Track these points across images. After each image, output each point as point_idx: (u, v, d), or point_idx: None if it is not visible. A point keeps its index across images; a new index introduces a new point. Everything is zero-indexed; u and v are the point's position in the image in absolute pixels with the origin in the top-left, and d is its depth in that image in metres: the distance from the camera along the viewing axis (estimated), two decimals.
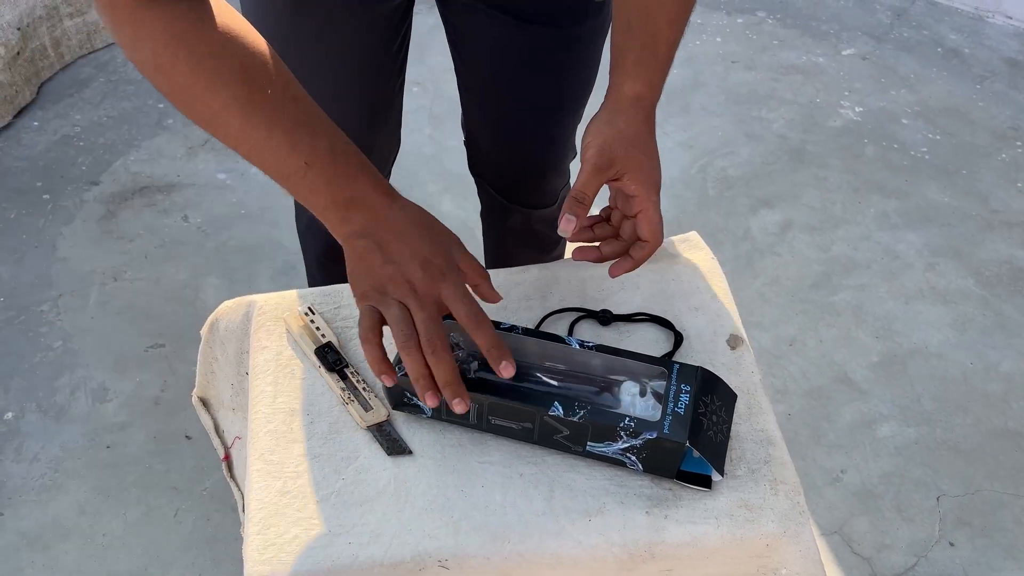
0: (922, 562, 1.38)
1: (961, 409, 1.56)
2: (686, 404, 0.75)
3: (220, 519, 1.39)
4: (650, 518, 0.77)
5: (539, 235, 1.29)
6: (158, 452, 1.46)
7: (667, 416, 0.74)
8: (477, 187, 1.27)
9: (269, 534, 0.76)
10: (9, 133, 1.94)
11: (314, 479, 0.79)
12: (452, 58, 1.11)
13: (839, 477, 1.47)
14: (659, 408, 0.76)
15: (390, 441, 0.82)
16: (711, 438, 0.76)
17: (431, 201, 1.86)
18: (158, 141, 1.95)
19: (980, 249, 1.81)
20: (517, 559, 0.76)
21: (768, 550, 0.78)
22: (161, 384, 1.54)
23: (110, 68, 2.09)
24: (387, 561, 0.75)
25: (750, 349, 0.90)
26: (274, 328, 0.90)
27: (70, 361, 1.57)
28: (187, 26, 0.64)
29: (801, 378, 1.59)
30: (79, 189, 1.85)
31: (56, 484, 1.42)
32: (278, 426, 0.83)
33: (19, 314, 1.64)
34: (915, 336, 1.66)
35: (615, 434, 0.75)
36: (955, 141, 2.03)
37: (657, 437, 0.73)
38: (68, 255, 1.73)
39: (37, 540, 1.36)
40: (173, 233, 1.78)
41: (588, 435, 0.76)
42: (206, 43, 0.65)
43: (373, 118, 1.08)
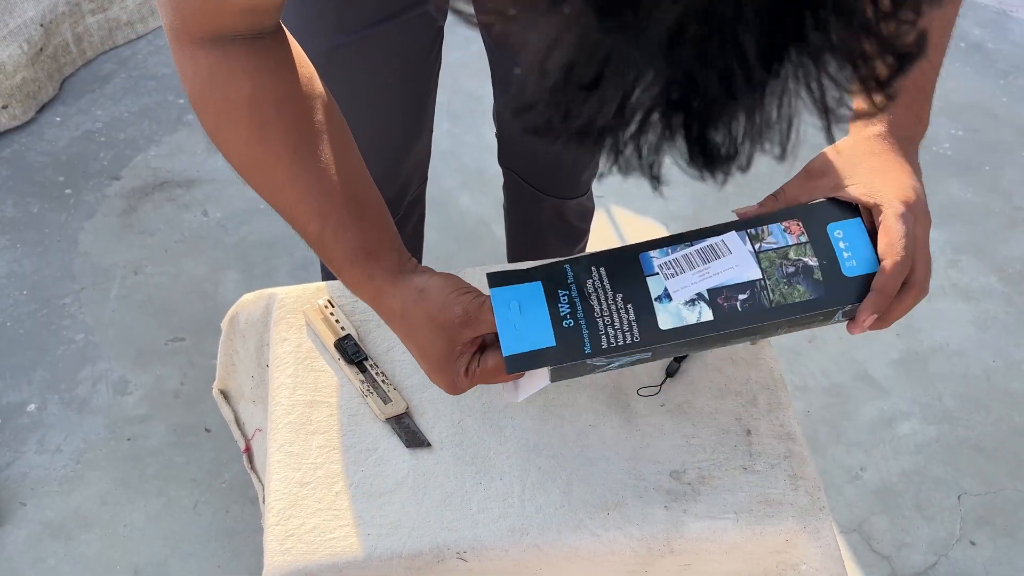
0: (942, 561, 1.37)
1: (983, 407, 1.54)
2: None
3: (239, 511, 1.39)
4: (669, 512, 0.77)
5: (570, 226, 1.29)
6: (178, 444, 1.47)
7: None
8: (505, 180, 1.27)
9: (289, 525, 0.77)
10: (32, 128, 1.96)
11: (333, 471, 0.80)
12: (485, 47, 1.11)
13: (859, 475, 1.46)
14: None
15: (409, 433, 0.82)
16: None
17: (449, 197, 1.86)
18: (178, 137, 1.96)
19: (1003, 246, 1.79)
20: (535, 552, 0.76)
21: (787, 546, 0.78)
22: (181, 377, 1.56)
23: (131, 64, 2.11)
24: (406, 552, 0.75)
25: (770, 343, 0.90)
26: (294, 321, 0.90)
27: (92, 354, 1.59)
28: (244, 69, 0.65)
29: (821, 375, 1.58)
30: (101, 184, 1.86)
31: (78, 475, 1.43)
32: (298, 418, 0.83)
33: (42, 307, 1.65)
34: (937, 334, 1.65)
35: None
36: (978, 137, 2.01)
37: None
38: (90, 249, 1.75)
39: (60, 530, 1.37)
40: (193, 228, 1.79)
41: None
42: (262, 95, 0.65)
43: (411, 127, 1.08)
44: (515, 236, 1.37)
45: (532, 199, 1.24)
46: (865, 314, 0.65)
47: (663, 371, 0.87)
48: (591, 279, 0.67)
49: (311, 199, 0.67)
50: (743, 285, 0.66)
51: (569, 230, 1.30)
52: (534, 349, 0.65)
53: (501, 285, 0.67)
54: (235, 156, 0.68)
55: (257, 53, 0.66)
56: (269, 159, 0.66)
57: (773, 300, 0.65)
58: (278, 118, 0.66)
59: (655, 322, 0.65)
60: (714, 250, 0.68)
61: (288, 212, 0.68)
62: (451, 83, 2.09)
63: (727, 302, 0.65)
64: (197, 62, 0.65)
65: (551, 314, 0.66)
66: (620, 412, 0.84)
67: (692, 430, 0.82)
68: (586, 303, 0.66)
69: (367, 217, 0.69)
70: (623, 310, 0.66)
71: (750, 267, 0.66)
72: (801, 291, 0.66)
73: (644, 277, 0.67)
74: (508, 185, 1.28)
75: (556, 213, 1.25)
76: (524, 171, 1.22)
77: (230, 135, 0.67)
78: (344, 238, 0.67)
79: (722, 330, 0.65)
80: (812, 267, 0.66)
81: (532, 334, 0.65)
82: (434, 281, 0.68)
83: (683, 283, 0.66)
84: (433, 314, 0.66)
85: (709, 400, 0.84)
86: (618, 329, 0.65)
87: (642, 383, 0.86)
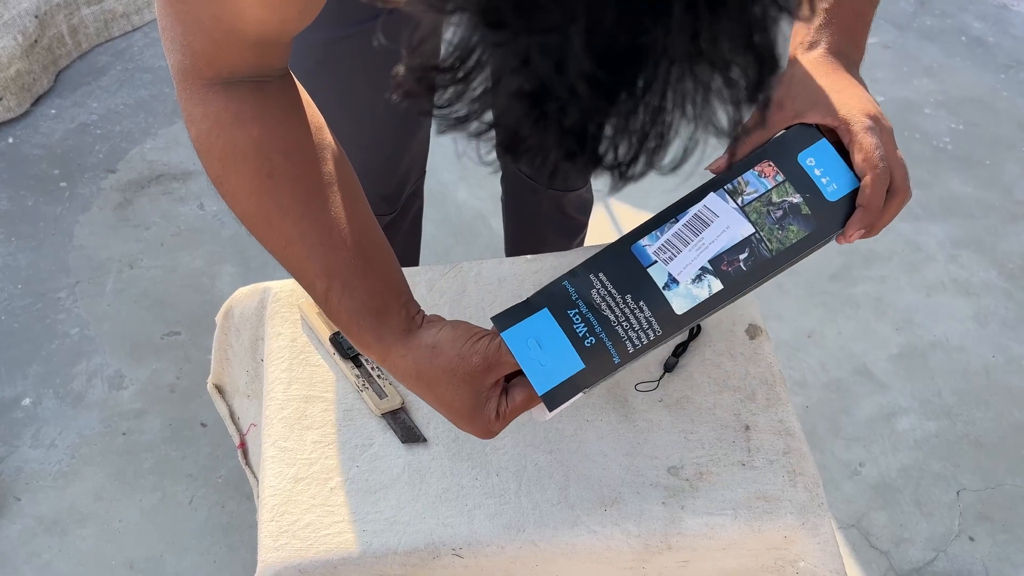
0: (941, 557, 1.36)
1: (982, 403, 1.54)
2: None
3: (235, 507, 1.39)
4: (666, 508, 0.77)
5: (568, 218, 1.28)
6: (174, 439, 1.46)
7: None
8: (503, 172, 1.26)
9: (283, 521, 0.76)
10: (27, 121, 1.95)
11: (328, 466, 0.79)
12: None
13: (857, 470, 1.45)
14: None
15: (405, 429, 0.81)
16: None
17: (446, 191, 1.85)
18: (174, 129, 1.95)
19: (1003, 241, 1.78)
20: (531, 548, 0.75)
21: (786, 542, 0.77)
22: (177, 372, 1.55)
23: (127, 56, 2.09)
24: (401, 549, 0.74)
25: (769, 339, 0.89)
26: (289, 315, 0.90)
27: (87, 348, 1.58)
28: (251, 115, 0.63)
29: (820, 370, 1.57)
30: (96, 177, 1.85)
31: (73, 470, 1.43)
32: (292, 413, 0.83)
33: (36, 301, 1.64)
34: (936, 329, 1.64)
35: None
36: (978, 131, 2.00)
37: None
38: (85, 242, 1.74)
39: (54, 525, 1.37)
40: (189, 221, 1.78)
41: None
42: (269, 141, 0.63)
43: (410, 120, 1.07)
44: (513, 229, 1.36)
45: (531, 191, 1.23)
46: (853, 229, 0.66)
47: (661, 366, 0.86)
48: (594, 289, 0.67)
49: (318, 256, 0.65)
50: (740, 244, 0.66)
51: (568, 223, 1.29)
52: (566, 379, 0.64)
53: (510, 326, 0.66)
54: (240, 207, 0.65)
55: (265, 99, 0.64)
56: (276, 212, 0.64)
57: (772, 248, 0.66)
58: (287, 168, 0.64)
59: (671, 311, 0.65)
60: (701, 219, 0.68)
61: (294, 268, 0.66)
62: None
63: (731, 266, 0.66)
64: (206, 105, 0.63)
65: (570, 339, 0.65)
66: (617, 407, 0.83)
67: (690, 425, 0.82)
68: (599, 315, 0.66)
69: (375, 272, 0.67)
70: (637, 310, 0.65)
71: (741, 224, 0.67)
72: (795, 231, 0.66)
73: (645, 269, 0.66)
74: (506, 177, 1.27)
75: (555, 205, 1.24)
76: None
77: (236, 184, 0.64)
78: (351, 297, 0.65)
79: (735, 294, 0.66)
80: (798, 204, 0.67)
81: (559, 365, 0.64)
82: (444, 334, 0.66)
83: (684, 262, 0.66)
84: (453, 368, 0.64)
85: (707, 395, 0.84)
86: (638, 330, 0.65)
87: (640, 378, 0.85)
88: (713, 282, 0.65)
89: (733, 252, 0.66)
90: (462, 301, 0.90)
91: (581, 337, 0.65)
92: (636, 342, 0.65)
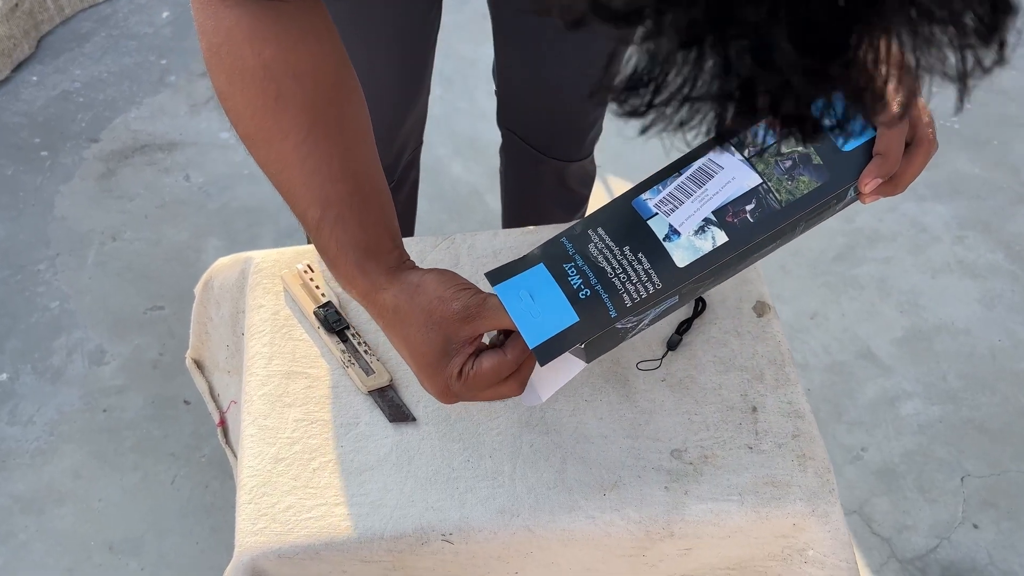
0: (944, 544, 1.33)
1: (988, 387, 1.50)
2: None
3: (218, 487, 1.34)
4: (669, 494, 0.72)
5: (570, 191, 1.24)
6: (156, 417, 1.42)
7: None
8: (504, 142, 1.21)
9: (261, 503, 0.71)
10: (7, 88, 1.89)
11: (311, 446, 0.75)
12: (487, 2, 1.05)
13: (860, 455, 1.41)
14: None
15: (393, 407, 0.77)
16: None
17: (440, 165, 1.79)
18: (160, 98, 1.89)
19: (1010, 222, 1.74)
20: (526, 534, 0.71)
21: (794, 530, 0.73)
22: (160, 347, 1.50)
23: (111, 22, 2.03)
24: (388, 534, 0.70)
25: (777, 317, 0.85)
26: (271, 286, 0.85)
27: (67, 322, 1.53)
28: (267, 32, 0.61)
29: (823, 353, 1.53)
30: (78, 146, 1.79)
31: (51, 447, 1.38)
32: (273, 389, 0.78)
33: (15, 273, 1.59)
34: (941, 311, 1.60)
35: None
36: (986, 111, 1.95)
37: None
38: (66, 214, 1.68)
39: (31, 504, 1.32)
40: (174, 193, 1.73)
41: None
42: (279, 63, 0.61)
43: (409, 88, 1.04)
44: (512, 202, 1.31)
45: (532, 162, 1.18)
46: (869, 178, 0.62)
47: (664, 344, 0.82)
48: (591, 243, 0.63)
49: (315, 184, 0.63)
50: (747, 195, 0.62)
51: (569, 196, 1.24)
52: (559, 331, 0.60)
53: (503, 280, 0.62)
54: (242, 124, 0.63)
55: (280, 19, 0.61)
56: (278, 134, 0.62)
57: (782, 199, 0.62)
58: (295, 92, 0.62)
59: (671, 262, 0.61)
60: (705, 171, 0.63)
61: (289, 193, 0.64)
62: (443, 46, 2.01)
63: (736, 218, 0.61)
64: (219, 18, 0.60)
65: (564, 291, 0.61)
66: (618, 387, 0.79)
67: (694, 406, 0.77)
68: (596, 267, 0.61)
69: (371, 212, 0.65)
70: (635, 262, 0.61)
71: (747, 175, 0.62)
72: (806, 181, 0.62)
73: (644, 221, 0.62)
74: (507, 147, 1.22)
75: (557, 177, 1.19)
76: (526, 132, 1.15)
77: (240, 102, 0.62)
78: (343, 229, 0.63)
79: (741, 247, 0.61)
80: (808, 154, 0.62)
81: (552, 317, 0.61)
82: (430, 276, 0.63)
83: (686, 214, 0.62)
84: (430, 309, 0.62)
85: (713, 375, 0.79)
86: (636, 283, 0.61)
87: (642, 356, 0.81)
88: (717, 234, 0.61)
89: (739, 203, 0.62)
90: None
91: (576, 289, 0.61)
92: (634, 295, 0.60)
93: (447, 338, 0.61)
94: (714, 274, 0.62)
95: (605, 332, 0.61)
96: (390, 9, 0.95)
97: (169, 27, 2.03)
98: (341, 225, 0.63)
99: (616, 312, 0.60)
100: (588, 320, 0.60)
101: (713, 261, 0.61)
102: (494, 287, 0.62)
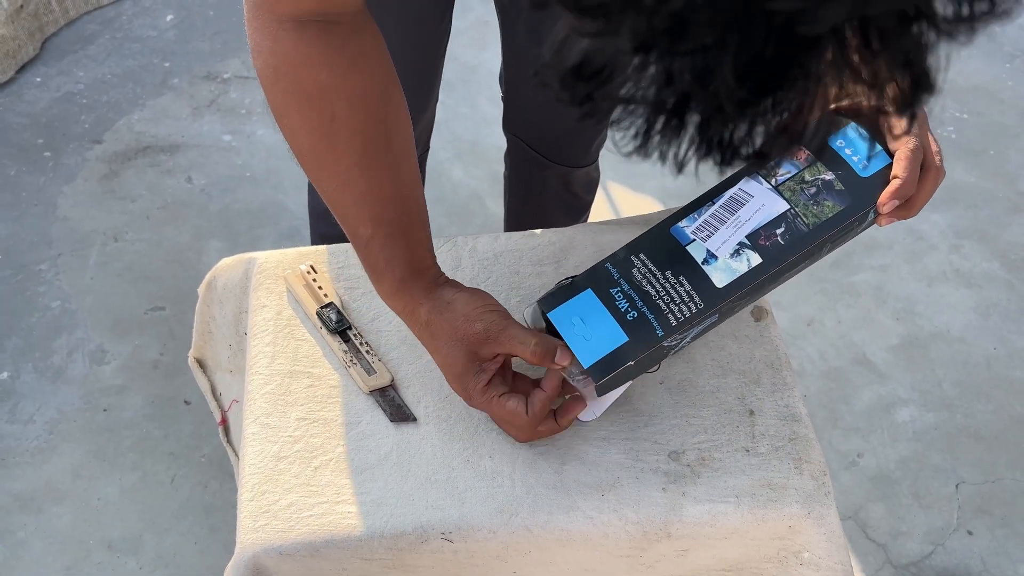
0: (939, 550, 1.34)
1: (983, 395, 1.51)
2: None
3: (217, 487, 1.35)
4: (667, 495, 0.73)
5: (574, 197, 1.25)
6: (156, 417, 1.42)
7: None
8: (509, 147, 1.22)
9: (263, 501, 0.72)
10: (11, 89, 1.89)
11: (312, 444, 0.75)
12: (496, 9, 1.06)
13: (855, 461, 1.42)
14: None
15: (394, 407, 0.78)
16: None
17: (441, 169, 1.80)
18: (163, 101, 1.90)
19: (1006, 232, 1.75)
20: (525, 534, 0.71)
21: (790, 532, 0.74)
22: (160, 348, 1.51)
23: (115, 25, 2.04)
24: (388, 532, 0.71)
25: (775, 321, 0.85)
26: (274, 287, 0.86)
27: (68, 322, 1.53)
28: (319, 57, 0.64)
29: (819, 359, 1.54)
30: (81, 147, 1.80)
31: (51, 446, 1.38)
32: (275, 388, 0.79)
33: (17, 273, 1.60)
34: (937, 319, 1.61)
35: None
36: (983, 120, 1.97)
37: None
38: (68, 214, 1.69)
39: (30, 502, 1.33)
40: (176, 194, 1.73)
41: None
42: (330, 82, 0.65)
43: (419, 93, 1.06)
44: (515, 208, 1.31)
45: (537, 167, 1.18)
46: (887, 199, 0.68)
47: None
48: (635, 268, 0.70)
49: (368, 204, 0.68)
50: (776, 220, 0.69)
51: (573, 202, 1.25)
52: (611, 351, 0.67)
53: (554, 307, 0.70)
54: (297, 144, 0.68)
55: (332, 43, 0.65)
56: (332, 156, 0.67)
57: (809, 223, 0.69)
58: (348, 116, 0.65)
59: (711, 284, 0.68)
60: (736, 200, 0.71)
61: (341, 209, 0.69)
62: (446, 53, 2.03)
63: (768, 240, 0.69)
64: (276, 40, 0.64)
65: (613, 313, 0.69)
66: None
67: (692, 409, 0.78)
68: (640, 291, 0.69)
69: (416, 231, 0.70)
70: (677, 284, 0.68)
71: (776, 202, 0.70)
72: (830, 205, 0.69)
73: (683, 247, 0.70)
74: (511, 153, 1.23)
75: (562, 183, 1.20)
76: (531, 137, 1.16)
77: (297, 122, 0.66)
78: (392, 247, 0.69)
79: (774, 267, 0.68)
80: (831, 181, 0.70)
81: (603, 338, 0.68)
82: (461, 295, 0.70)
83: (721, 239, 0.69)
84: (456, 326, 0.68)
85: (710, 378, 0.80)
86: (679, 303, 0.68)
87: None
88: (752, 256, 0.68)
89: (770, 227, 0.69)
90: (456, 276, 0.86)
91: (623, 312, 0.68)
92: (678, 314, 0.67)
93: (470, 355, 0.68)
94: (750, 293, 0.68)
95: (653, 350, 0.67)
96: (403, 16, 0.96)
97: (173, 30, 2.04)
98: (391, 243, 0.68)
99: (662, 331, 0.67)
100: (636, 339, 0.67)
101: (749, 281, 0.68)
102: (547, 315, 0.69)
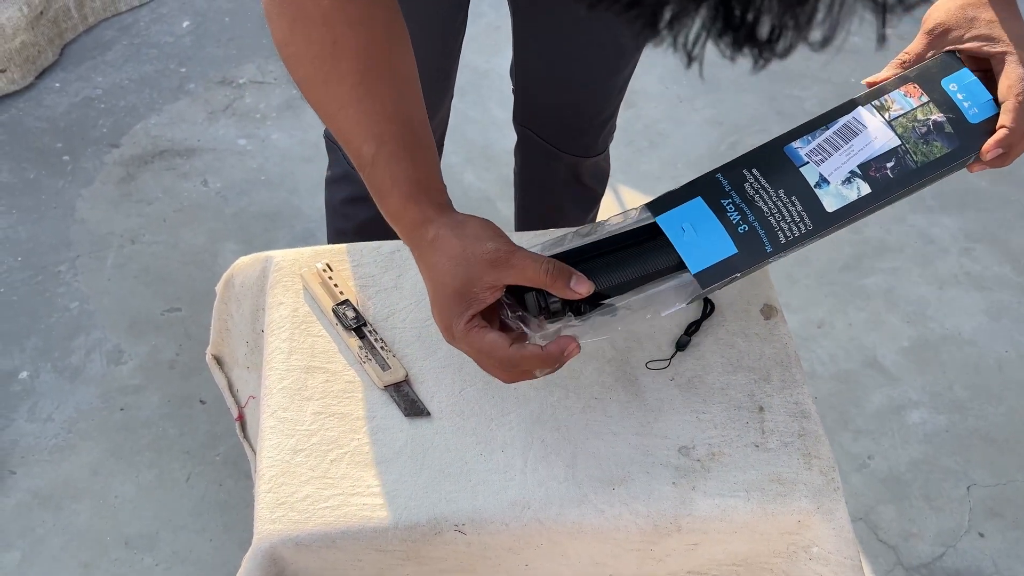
0: (950, 552, 1.34)
1: (994, 397, 1.51)
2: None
3: (232, 485, 1.37)
4: (677, 489, 0.74)
5: (585, 188, 1.26)
6: (172, 416, 1.44)
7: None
8: (519, 140, 1.24)
9: (280, 492, 0.74)
10: (31, 94, 1.92)
11: (328, 438, 0.77)
12: (508, 4, 1.08)
13: (866, 463, 1.43)
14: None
15: (408, 402, 0.79)
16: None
17: (452, 172, 1.82)
18: (179, 105, 1.92)
19: (1018, 235, 1.75)
20: (536, 526, 0.73)
21: (800, 527, 0.75)
22: (176, 348, 1.53)
23: (133, 31, 2.07)
24: (402, 524, 0.72)
25: (784, 320, 0.86)
26: (291, 284, 0.87)
27: (86, 322, 1.55)
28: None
29: (829, 361, 1.55)
30: (99, 151, 1.83)
31: (69, 444, 1.41)
32: (292, 383, 0.80)
33: (36, 274, 1.62)
34: (948, 322, 1.61)
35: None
36: None
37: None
38: (86, 217, 1.72)
39: (49, 500, 1.35)
40: (192, 197, 1.76)
41: None
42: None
43: (435, 95, 1.06)
44: (526, 201, 1.33)
45: (547, 158, 1.20)
46: (992, 147, 0.70)
47: (673, 344, 0.84)
48: (747, 182, 0.71)
49: (371, 122, 0.68)
50: (887, 154, 0.71)
51: (584, 193, 1.26)
52: (719, 260, 0.68)
53: (662, 212, 0.69)
54: (302, 68, 0.68)
55: None
56: (335, 77, 0.67)
57: (917, 160, 0.71)
58: (350, 38, 0.67)
59: (821, 207, 0.69)
60: (851, 128, 0.72)
61: (344, 131, 0.69)
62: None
63: (878, 173, 0.70)
64: None
65: (723, 224, 0.69)
66: (627, 386, 0.81)
67: (702, 405, 0.79)
68: (753, 206, 0.69)
69: (421, 151, 0.69)
70: (789, 204, 0.69)
71: (888, 136, 0.71)
72: (939, 146, 0.71)
73: (797, 168, 0.71)
74: (522, 146, 1.24)
75: (572, 173, 1.22)
76: (542, 128, 1.18)
77: (301, 46, 0.67)
78: (397, 164, 0.68)
79: (882, 199, 0.70)
80: (941, 122, 0.71)
81: (712, 247, 0.68)
82: (474, 218, 0.69)
83: (834, 165, 0.71)
84: (465, 244, 0.66)
85: (720, 375, 0.81)
86: (790, 223, 0.69)
87: (651, 356, 0.83)
88: (862, 185, 0.70)
89: (881, 160, 0.70)
90: None
91: (735, 224, 0.69)
92: (788, 233, 0.68)
93: (470, 279, 0.65)
94: (851, 221, 0.70)
95: (757, 265, 0.68)
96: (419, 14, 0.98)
97: (189, 36, 2.07)
98: (396, 160, 0.67)
99: (771, 248, 0.68)
100: (746, 253, 0.68)
101: (856, 209, 0.69)
102: (655, 218, 0.69)
